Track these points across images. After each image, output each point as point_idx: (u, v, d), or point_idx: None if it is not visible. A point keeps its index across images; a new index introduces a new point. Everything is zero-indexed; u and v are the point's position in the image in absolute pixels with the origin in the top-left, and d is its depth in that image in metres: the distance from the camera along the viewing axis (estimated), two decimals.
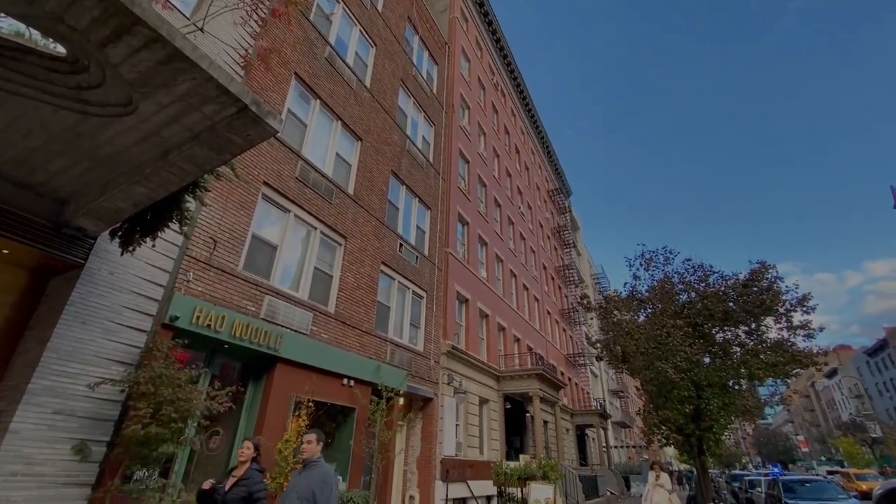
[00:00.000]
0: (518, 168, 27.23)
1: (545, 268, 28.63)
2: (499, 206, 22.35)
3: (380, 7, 14.16)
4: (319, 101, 10.43)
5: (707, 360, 12.84)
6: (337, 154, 10.78)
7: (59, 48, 2.90)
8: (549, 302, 27.86)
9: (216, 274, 7.05)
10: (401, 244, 12.54)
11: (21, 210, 4.51)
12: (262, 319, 7.57)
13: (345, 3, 12.26)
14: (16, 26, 2.89)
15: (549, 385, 17.95)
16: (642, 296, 14.35)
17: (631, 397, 44.96)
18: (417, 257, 13.31)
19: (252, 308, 7.49)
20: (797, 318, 12.43)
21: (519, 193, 26.14)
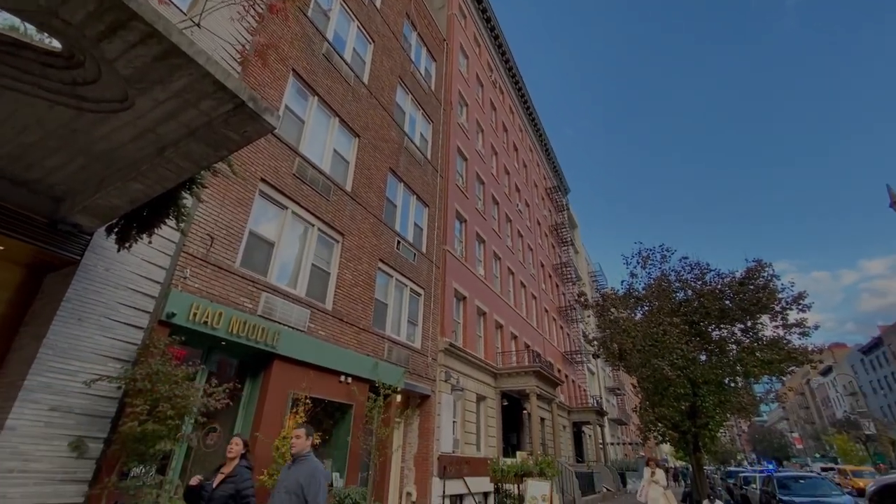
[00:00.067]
0: (516, 165, 27.19)
1: (543, 265, 28.66)
2: (497, 204, 22.33)
3: (378, 3, 14.08)
4: (317, 98, 10.39)
5: (703, 358, 12.90)
6: (335, 151, 10.75)
7: (55, 43, 2.87)
8: (547, 299, 27.91)
9: (213, 270, 7.03)
10: (398, 241, 12.53)
11: (17, 206, 4.48)
12: (260, 316, 7.55)
13: None
14: (10, 20, 2.86)
15: (546, 382, 18.01)
16: (639, 293, 14.40)
17: (627, 394, 45.10)
18: (415, 255, 13.30)
19: (249, 305, 7.47)
20: (793, 317, 12.53)
21: (517, 191, 26.12)
